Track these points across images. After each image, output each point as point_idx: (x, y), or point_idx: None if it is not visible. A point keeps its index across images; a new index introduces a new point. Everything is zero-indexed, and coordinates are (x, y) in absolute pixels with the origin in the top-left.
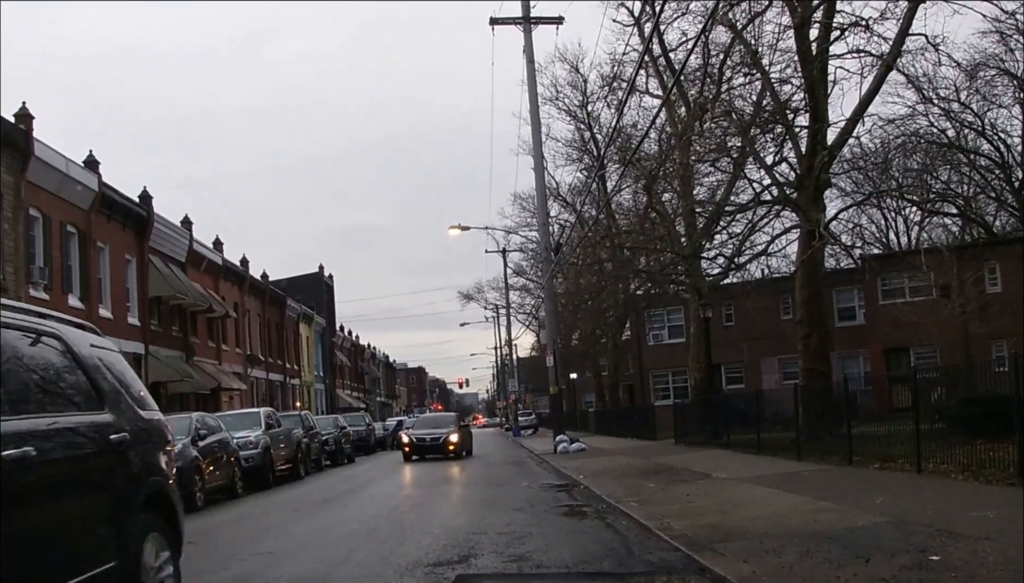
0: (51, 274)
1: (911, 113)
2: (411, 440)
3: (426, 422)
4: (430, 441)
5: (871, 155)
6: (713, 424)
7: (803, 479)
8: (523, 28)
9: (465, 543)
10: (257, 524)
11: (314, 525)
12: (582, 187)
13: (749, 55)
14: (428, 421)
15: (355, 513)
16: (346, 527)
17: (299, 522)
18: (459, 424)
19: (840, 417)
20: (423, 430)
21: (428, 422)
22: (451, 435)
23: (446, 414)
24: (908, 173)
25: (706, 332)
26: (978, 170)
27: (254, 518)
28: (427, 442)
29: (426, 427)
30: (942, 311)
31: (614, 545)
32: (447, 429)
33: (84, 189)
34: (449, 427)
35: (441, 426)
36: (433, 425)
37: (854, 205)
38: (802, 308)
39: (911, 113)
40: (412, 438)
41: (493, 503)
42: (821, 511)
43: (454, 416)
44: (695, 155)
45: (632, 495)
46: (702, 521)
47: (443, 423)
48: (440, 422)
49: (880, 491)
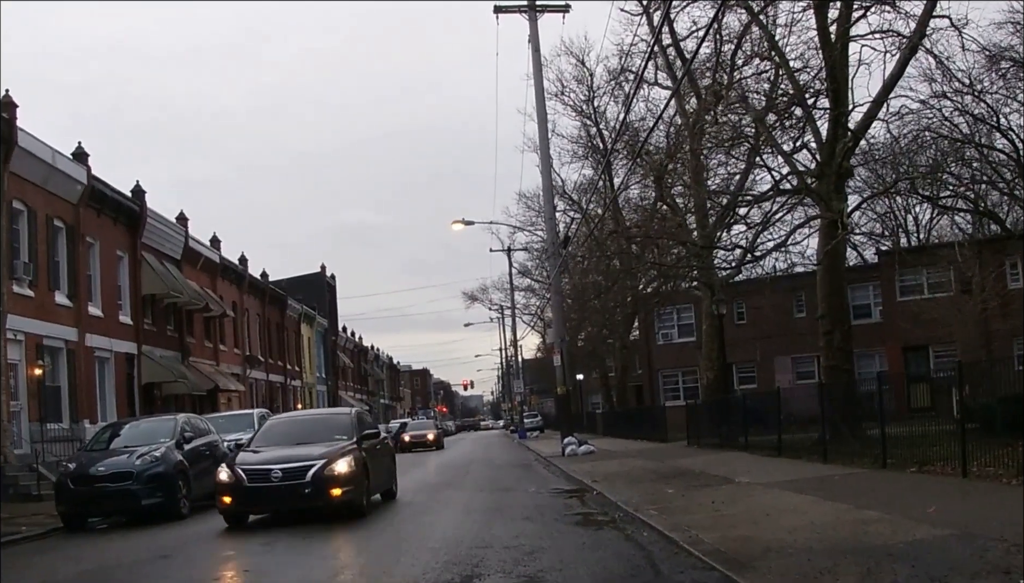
0: (36, 270)
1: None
2: (409, 437)
3: (416, 426)
4: (419, 438)
5: (886, 147)
6: (728, 425)
7: (837, 484)
8: (528, 16)
9: (468, 560)
10: (240, 535)
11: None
12: (588, 185)
13: (766, 38)
14: (417, 425)
15: (350, 522)
16: (336, 539)
17: None
18: (436, 428)
19: (862, 417)
20: (415, 432)
21: (417, 426)
22: (429, 434)
23: (428, 421)
24: (921, 167)
25: (719, 330)
26: (991, 165)
27: (239, 528)
28: (418, 439)
29: (416, 429)
30: (963, 307)
31: (638, 562)
32: (429, 430)
33: (72, 182)
34: (431, 429)
35: (426, 429)
36: (421, 428)
37: (878, 194)
38: (824, 303)
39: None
40: (409, 436)
41: (499, 511)
42: (869, 522)
43: (432, 422)
44: (710, 141)
45: (651, 502)
46: (735, 533)
47: (427, 427)
48: (425, 426)
49: (928, 497)
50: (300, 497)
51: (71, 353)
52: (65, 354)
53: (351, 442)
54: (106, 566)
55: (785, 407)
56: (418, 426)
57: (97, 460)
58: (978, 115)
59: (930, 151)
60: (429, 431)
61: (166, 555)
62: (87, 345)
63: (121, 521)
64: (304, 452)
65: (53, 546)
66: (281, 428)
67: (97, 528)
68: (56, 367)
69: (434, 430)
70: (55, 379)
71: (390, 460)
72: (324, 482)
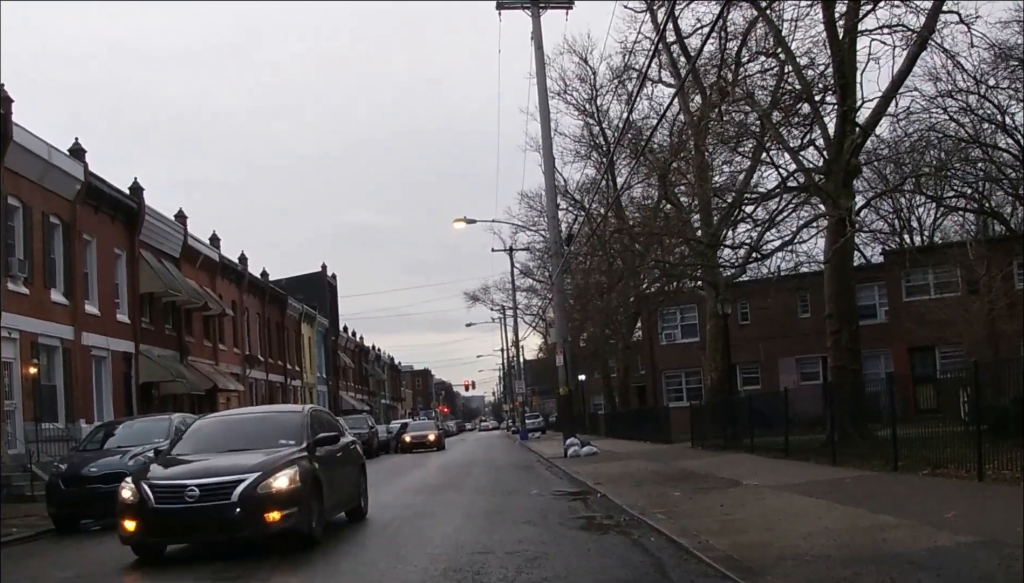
0: (32, 267)
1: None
2: (410, 438)
3: (417, 427)
4: (419, 438)
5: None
6: (733, 426)
7: (848, 487)
8: (531, 12)
9: (469, 566)
10: None
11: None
12: (590, 185)
13: (773, 34)
14: (417, 426)
15: (347, 526)
16: (331, 544)
17: None
18: (437, 429)
19: (870, 418)
20: (415, 432)
21: (418, 427)
22: (430, 435)
23: (428, 421)
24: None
25: (724, 330)
26: (996, 164)
27: None
28: (418, 439)
29: (417, 430)
30: (971, 307)
31: (646, 569)
32: (430, 431)
33: (69, 178)
34: (431, 430)
35: (426, 429)
36: (421, 429)
37: (888, 191)
38: (831, 302)
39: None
40: (410, 437)
41: (501, 514)
42: (886, 527)
43: (433, 423)
44: (715, 139)
45: (657, 506)
46: (746, 538)
47: (427, 428)
48: (426, 427)
49: (945, 502)
50: (224, 523)
51: (67, 352)
52: (61, 353)
53: (298, 449)
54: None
55: (791, 408)
56: (419, 427)
57: (90, 461)
58: (983, 115)
59: (934, 150)
60: (430, 432)
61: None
62: (83, 344)
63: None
64: (232, 462)
65: (42, 549)
66: (212, 430)
67: (90, 530)
68: (52, 366)
69: (435, 431)
70: (51, 378)
71: (357, 471)
72: (257, 503)
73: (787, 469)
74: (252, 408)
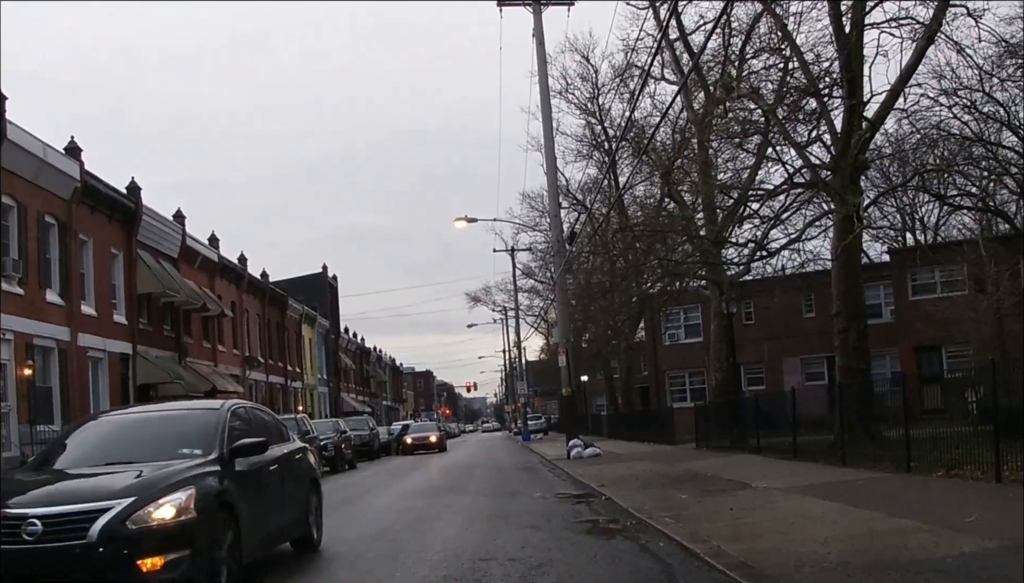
0: (26, 267)
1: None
2: (412, 440)
3: (418, 429)
4: (421, 440)
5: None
6: (739, 427)
7: (861, 489)
8: (532, 9)
9: (470, 575)
10: None
11: (290, 547)
12: (592, 184)
13: (779, 28)
14: (419, 428)
15: (343, 531)
16: (328, 550)
17: None
18: (438, 430)
19: (877, 418)
20: (416, 434)
21: (419, 429)
22: (432, 436)
23: (430, 423)
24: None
25: (729, 329)
26: (1000, 162)
27: None
28: (419, 441)
29: (418, 432)
30: (978, 306)
31: (656, 577)
32: (431, 433)
33: (65, 177)
34: (433, 431)
35: (428, 431)
36: (423, 431)
37: (895, 187)
38: (839, 300)
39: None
40: (412, 438)
41: (503, 518)
42: (906, 532)
43: (434, 424)
44: (719, 135)
45: (665, 509)
46: (761, 544)
47: (429, 429)
48: (427, 428)
49: (964, 504)
50: (76, 573)
51: (63, 353)
52: (56, 354)
53: (203, 461)
54: None
55: (796, 409)
56: (420, 428)
57: None
58: (988, 112)
59: (937, 149)
60: (431, 433)
61: None
62: (79, 345)
63: None
64: (97, 484)
65: None
66: (97, 435)
67: None
68: (47, 367)
69: (436, 432)
70: (46, 379)
71: (307, 488)
72: (126, 543)
73: (796, 470)
74: (158, 405)
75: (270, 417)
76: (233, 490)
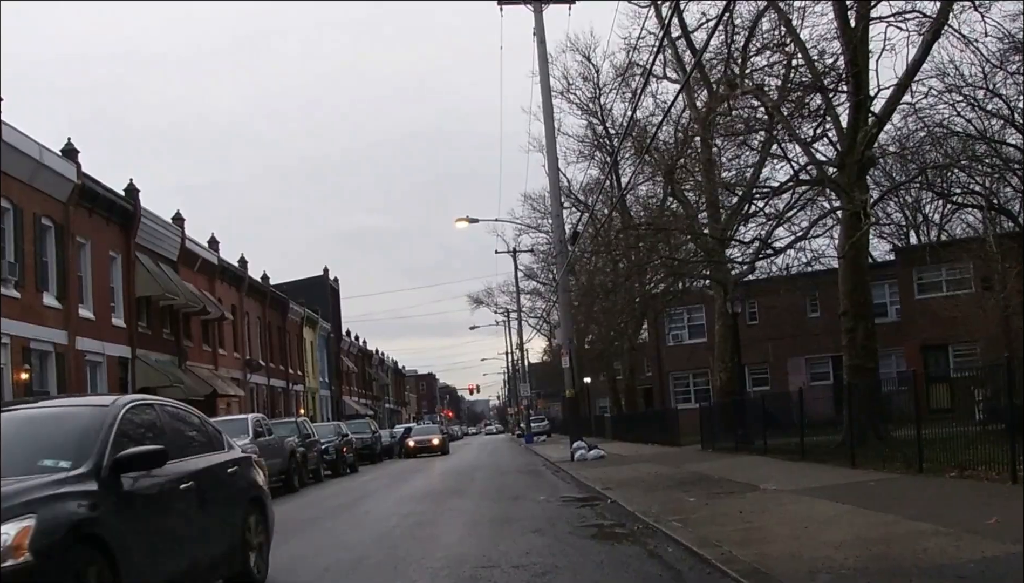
0: (23, 270)
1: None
2: (414, 443)
3: (420, 432)
4: (423, 443)
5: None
6: (745, 428)
7: (873, 491)
8: (533, 7)
9: (472, 582)
10: None
11: (287, 554)
12: (594, 185)
13: (783, 23)
14: (421, 431)
15: (342, 536)
16: (327, 556)
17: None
18: (441, 433)
19: (884, 418)
20: (419, 437)
21: (421, 432)
22: (434, 439)
23: (432, 426)
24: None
25: (734, 329)
26: (1003, 160)
27: None
28: (422, 444)
29: (420, 435)
30: (985, 305)
31: None
32: (433, 435)
33: (61, 179)
34: (435, 434)
35: (430, 434)
36: (425, 433)
37: (902, 184)
38: (846, 299)
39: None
40: (414, 441)
41: (507, 522)
42: (924, 535)
43: (437, 427)
44: (724, 131)
45: (672, 512)
46: (773, 549)
47: (431, 432)
48: (430, 431)
49: (982, 506)
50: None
51: (60, 356)
52: (54, 357)
53: (64, 478)
54: None
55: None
56: (423, 431)
57: None
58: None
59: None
60: (434, 436)
61: None
62: (77, 348)
63: None
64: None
65: None
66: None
67: None
68: (44, 371)
69: (439, 435)
70: (43, 384)
71: (239, 511)
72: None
73: (805, 472)
74: (35, 401)
75: (197, 419)
76: (109, 518)
